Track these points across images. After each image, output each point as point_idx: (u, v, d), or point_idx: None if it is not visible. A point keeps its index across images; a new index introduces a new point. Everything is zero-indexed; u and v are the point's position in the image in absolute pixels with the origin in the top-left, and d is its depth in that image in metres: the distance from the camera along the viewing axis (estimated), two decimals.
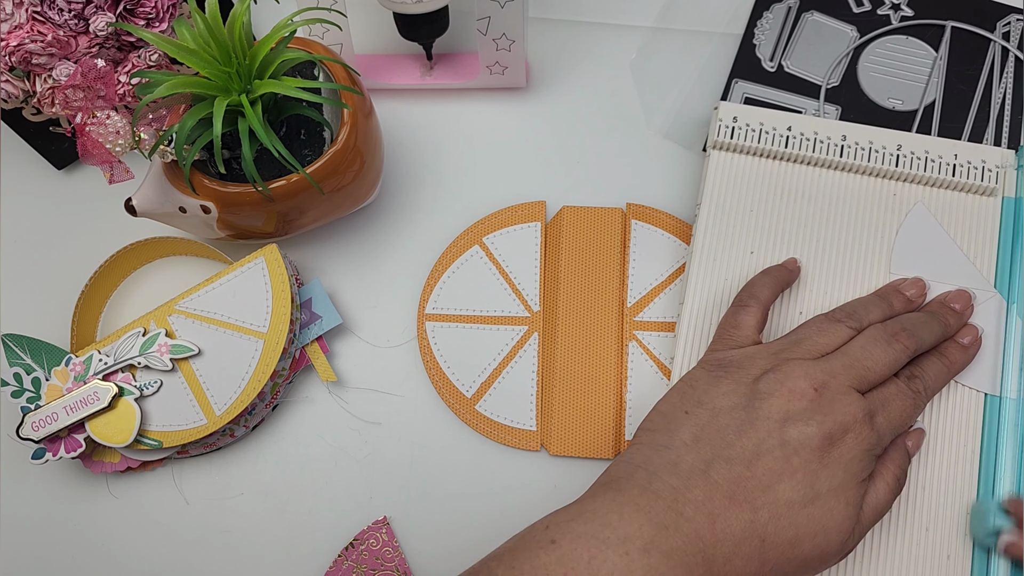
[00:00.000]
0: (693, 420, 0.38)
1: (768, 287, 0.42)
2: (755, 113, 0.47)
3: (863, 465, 0.37)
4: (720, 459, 0.36)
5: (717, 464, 0.36)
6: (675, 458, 0.37)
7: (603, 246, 0.48)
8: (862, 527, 0.37)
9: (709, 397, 0.38)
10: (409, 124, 0.52)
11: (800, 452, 0.36)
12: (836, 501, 0.36)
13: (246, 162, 0.39)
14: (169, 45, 0.39)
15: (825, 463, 0.36)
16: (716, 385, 0.39)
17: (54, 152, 0.51)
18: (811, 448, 0.36)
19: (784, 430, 0.36)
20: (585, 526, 0.34)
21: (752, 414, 0.37)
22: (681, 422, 0.38)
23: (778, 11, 0.53)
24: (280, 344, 0.44)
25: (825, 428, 0.36)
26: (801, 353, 0.39)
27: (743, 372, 0.39)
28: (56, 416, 0.42)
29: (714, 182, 0.47)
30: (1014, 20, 0.52)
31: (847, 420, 0.36)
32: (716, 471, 0.36)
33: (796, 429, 0.36)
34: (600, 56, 0.54)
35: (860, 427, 0.37)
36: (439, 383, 0.47)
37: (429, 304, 0.48)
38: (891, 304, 0.42)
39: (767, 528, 0.35)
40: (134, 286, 0.48)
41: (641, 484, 0.36)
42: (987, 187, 0.45)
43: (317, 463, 0.46)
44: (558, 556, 0.34)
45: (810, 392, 0.37)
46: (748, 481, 0.36)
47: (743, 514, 0.35)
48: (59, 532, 0.45)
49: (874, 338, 0.39)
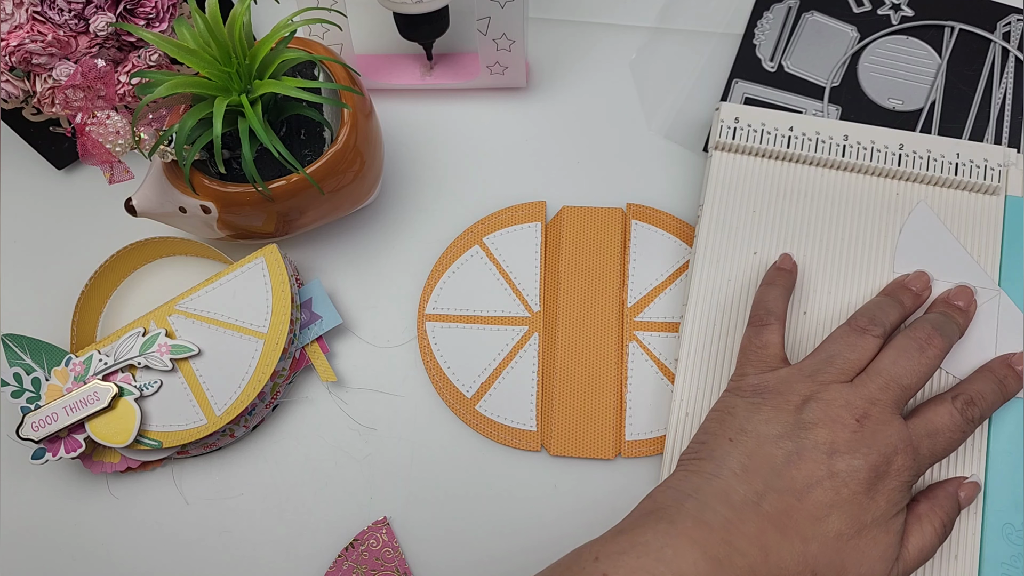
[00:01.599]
0: (740, 448, 0.38)
1: (780, 299, 0.42)
2: (757, 113, 0.47)
3: (903, 495, 0.37)
4: (772, 491, 0.36)
5: (769, 496, 0.36)
6: (726, 488, 0.36)
7: (603, 246, 0.48)
8: (906, 567, 0.37)
9: (752, 424, 0.38)
10: (409, 124, 0.52)
11: (849, 484, 0.36)
12: (880, 531, 0.36)
13: (246, 162, 0.39)
14: (169, 45, 0.39)
15: (871, 495, 0.36)
16: (756, 412, 0.38)
17: (54, 152, 0.51)
18: (859, 480, 0.36)
19: (832, 462, 0.36)
20: (639, 560, 0.34)
21: (799, 444, 0.37)
22: (727, 450, 0.38)
23: (778, 11, 0.53)
24: (280, 344, 0.44)
25: (871, 460, 0.36)
26: (836, 375, 0.39)
27: (782, 398, 0.38)
28: (56, 416, 0.42)
29: (716, 183, 0.47)
30: (1014, 20, 0.52)
31: (890, 451, 0.36)
32: (768, 503, 0.36)
33: (844, 461, 0.36)
34: (600, 56, 0.54)
35: (903, 458, 0.37)
36: (439, 383, 0.47)
37: (429, 304, 0.48)
38: (902, 302, 0.42)
39: (818, 560, 0.35)
40: (134, 286, 0.48)
41: (693, 515, 0.36)
42: (990, 185, 0.45)
43: (317, 463, 0.46)
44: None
45: (852, 423, 0.37)
46: (799, 512, 0.36)
47: (795, 546, 0.35)
48: (59, 532, 0.45)
49: (905, 349, 0.39)
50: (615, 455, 0.45)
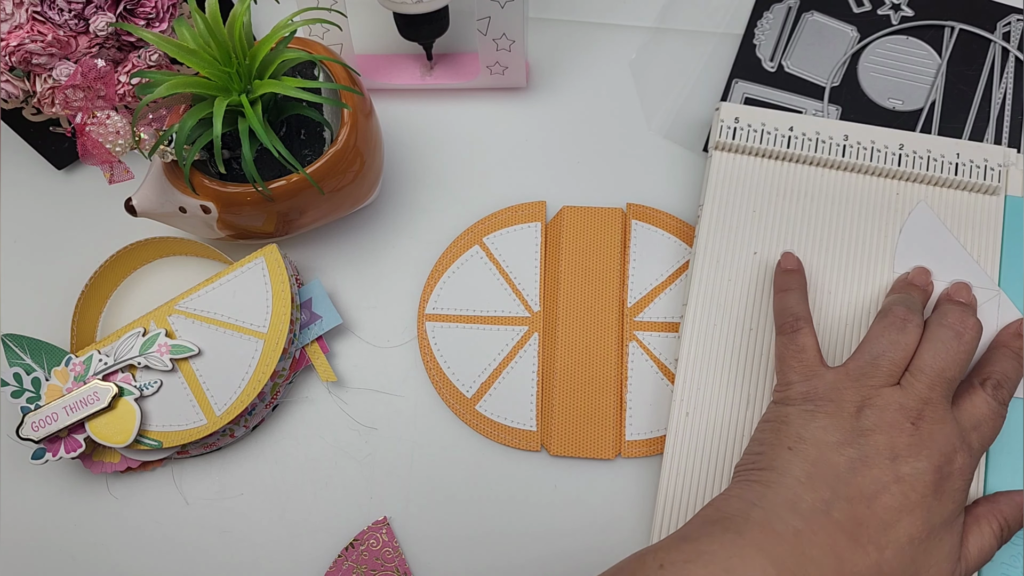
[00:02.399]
0: (801, 457, 0.37)
1: (802, 301, 0.42)
2: (757, 113, 0.47)
3: (965, 493, 0.37)
4: (840, 498, 0.36)
5: (838, 504, 0.35)
6: (792, 496, 0.36)
7: (603, 246, 0.48)
8: (968, 566, 0.37)
9: (809, 432, 0.38)
10: (409, 124, 0.52)
11: (916, 488, 0.36)
12: (946, 532, 0.36)
13: (246, 162, 0.39)
14: (169, 45, 0.39)
15: (938, 496, 0.36)
16: (812, 419, 0.38)
17: (54, 152, 0.51)
18: (925, 483, 0.36)
19: (897, 467, 0.36)
20: (705, 569, 0.33)
21: (861, 451, 0.36)
22: (788, 459, 0.37)
23: (778, 11, 0.53)
24: (280, 344, 0.44)
25: (935, 461, 0.36)
26: (884, 378, 0.38)
27: (835, 406, 0.38)
28: (56, 416, 0.42)
29: (716, 183, 0.47)
30: (1014, 20, 0.52)
31: (950, 450, 0.36)
32: (838, 510, 0.35)
33: (909, 465, 0.36)
34: (600, 56, 0.54)
35: (963, 456, 0.37)
36: (439, 383, 0.47)
37: (429, 304, 0.48)
38: (922, 288, 0.43)
39: (892, 566, 0.35)
40: (134, 286, 0.48)
41: (761, 524, 0.35)
42: (990, 185, 0.45)
43: (317, 463, 0.46)
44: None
45: (909, 426, 0.37)
46: (869, 520, 0.35)
47: (870, 555, 0.35)
48: (59, 532, 0.45)
49: (942, 339, 0.39)
50: (615, 455, 0.45)
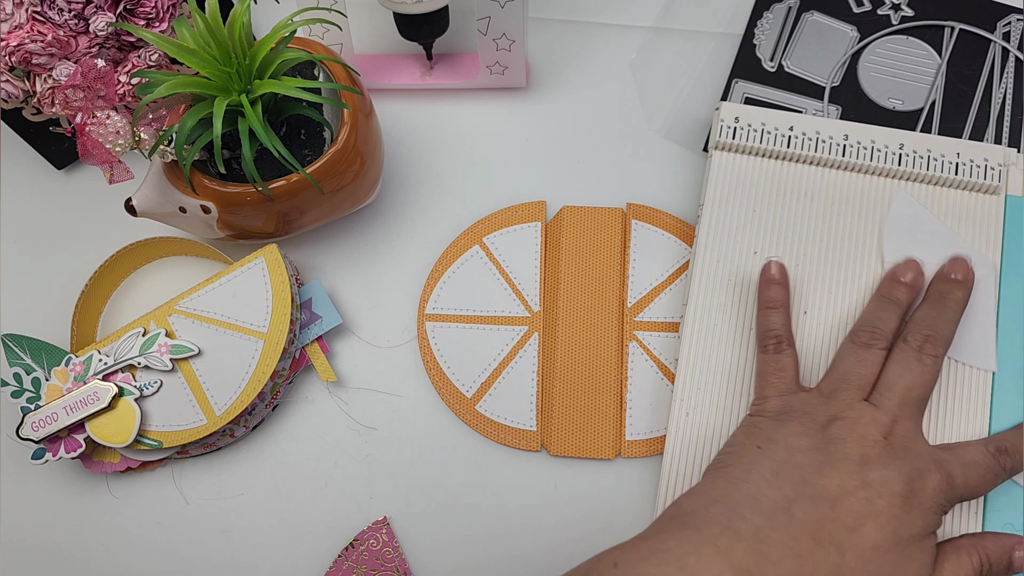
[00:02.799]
0: (769, 456, 0.37)
1: (785, 321, 0.43)
2: (757, 113, 0.47)
3: (937, 519, 0.36)
4: (804, 497, 0.35)
5: (801, 502, 0.35)
6: (755, 493, 0.36)
7: (603, 246, 0.48)
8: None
9: (780, 435, 0.38)
10: (409, 124, 0.52)
11: (883, 496, 0.35)
12: (915, 549, 0.35)
13: (246, 162, 0.39)
14: (169, 45, 0.39)
15: (907, 510, 0.35)
16: (783, 425, 0.38)
17: (54, 152, 0.51)
18: (893, 492, 0.35)
19: (865, 472, 0.36)
20: (659, 568, 0.33)
21: (829, 455, 0.36)
22: (756, 457, 0.37)
23: (778, 11, 0.53)
24: (280, 344, 0.44)
25: (905, 472, 0.36)
26: (854, 393, 0.39)
27: (808, 417, 0.38)
28: (56, 416, 0.42)
29: (716, 183, 0.47)
30: (1014, 20, 0.52)
31: (923, 467, 0.36)
32: (800, 509, 0.35)
33: (877, 472, 0.36)
34: (600, 56, 0.54)
35: (938, 479, 0.36)
36: (439, 383, 0.47)
37: (429, 304, 0.48)
38: (897, 300, 0.42)
39: (854, 571, 0.34)
40: (134, 286, 0.48)
41: (720, 521, 0.35)
42: (990, 185, 0.45)
43: (317, 463, 0.46)
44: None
45: (880, 439, 0.37)
46: (833, 522, 0.35)
47: (830, 557, 0.34)
48: (59, 532, 0.45)
49: (905, 361, 0.39)
50: (615, 455, 0.45)
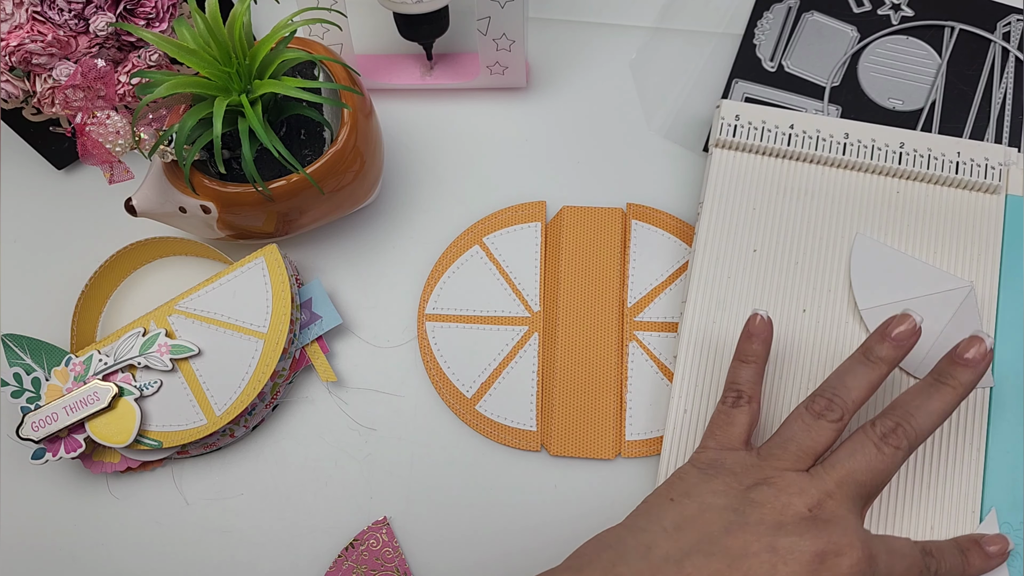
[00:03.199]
0: (678, 509, 0.36)
1: (754, 378, 0.41)
2: (757, 111, 0.47)
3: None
4: (699, 552, 0.34)
5: (695, 557, 0.34)
6: (650, 542, 0.35)
7: (603, 246, 0.48)
8: None
9: (699, 492, 0.37)
10: (409, 124, 0.52)
11: (788, 563, 0.34)
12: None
13: (246, 162, 0.39)
14: (169, 45, 0.39)
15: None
16: (707, 482, 0.37)
17: (54, 152, 0.51)
18: (800, 562, 0.34)
19: (775, 538, 0.34)
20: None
21: (743, 517, 0.35)
22: (665, 509, 0.37)
23: (778, 11, 0.53)
24: (280, 344, 0.44)
25: (818, 546, 0.34)
26: (791, 461, 0.37)
27: (735, 477, 0.37)
28: (56, 416, 0.42)
29: (716, 180, 0.47)
30: (1014, 20, 0.52)
31: (843, 544, 0.34)
32: (692, 563, 0.34)
33: (788, 540, 0.34)
34: (600, 56, 0.54)
35: (858, 558, 0.34)
36: (439, 383, 0.47)
37: (429, 304, 0.48)
38: (877, 360, 0.38)
39: None
40: (134, 286, 0.48)
41: (604, 567, 0.35)
42: (990, 184, 0.45)
43: (317, 463, 0.46)
44: None
45: (804, 511, 0.35)
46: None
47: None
48: (59, 532, 0.45)
49: (862, 445, 0.37)
50: (615, 455, 0.45)
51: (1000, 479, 0.42)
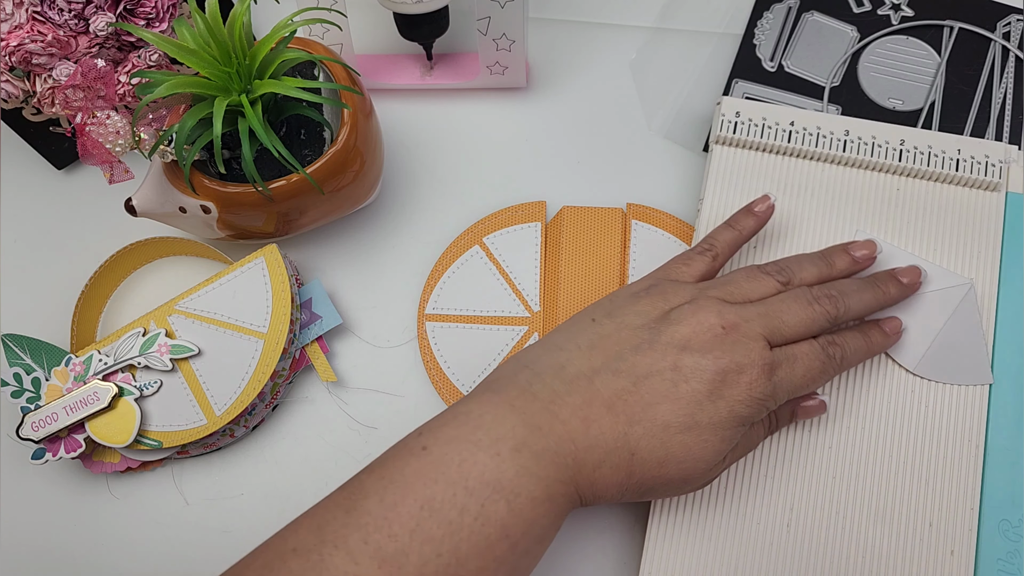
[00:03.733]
0: (596, 329, 0.38)
1: (732, 242, 0.42)
2: (758, 108, 0.47)
3: (750, 411, 0.36)
4: (608, 370, 0.36)
5: (604, 374, 0.36)
6: (564, 361, 0.37)
7: (603, 246, 0.48)
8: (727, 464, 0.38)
9: (622, 312, 0.38)
10: (409, 124, 0.52)
11: (690, 381, 0.36)
12: (711, 435, 0.36)
13: (246, 162, 0.39)
14: (169, 45, 0.39)
15: (712, 398, 0.36)
16: (632, 303, 0.39)
17: (54, 152, 0.51)
18: (701, 380, 0.36)
19: (680, 356, 0.36)
20: (458, 430, 0.35)
21: (655, 336, 0.37)
22: (584, 328, 0.38)
23: (778, 11, 0.53)
24: (280, 344, 0.44)
25: (721, 364, 0.36)
26: (723, 293, 0.39)
27: (663, 298, 0.39)
28: (56, 416, 0.42)
29: (717, 177, 0.47)
30: (1014, 20, 0.52)
31: (745, 362, 0.36)
32: (601, 380, 0.36)
33: (692, 359, 0.36)
34: (600, 56, 0.54)
35: (757, 372, 0.36)
36: (439, 383, 0.46)
37: (429, 304, 0.48)
38: (832, 264, 0.42)
39: (639, 443, 0.35)
40: (134, 286, 0.48)
41: (521, 385, 0.36)
42: (991, 182, 0.45)
43: (317, 463, 0.46)
44: (429, 461, 0.34)
45: (718, 329, 0.37)
46: (631, 396, 0.36)
47: (619, 426, 0.35)
48: (59, 532, 0.45)
49: (796, 296, 0.39)
50: None
51: (999, 477, 0.42)
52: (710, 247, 0.42)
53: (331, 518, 0.33)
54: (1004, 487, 0.41)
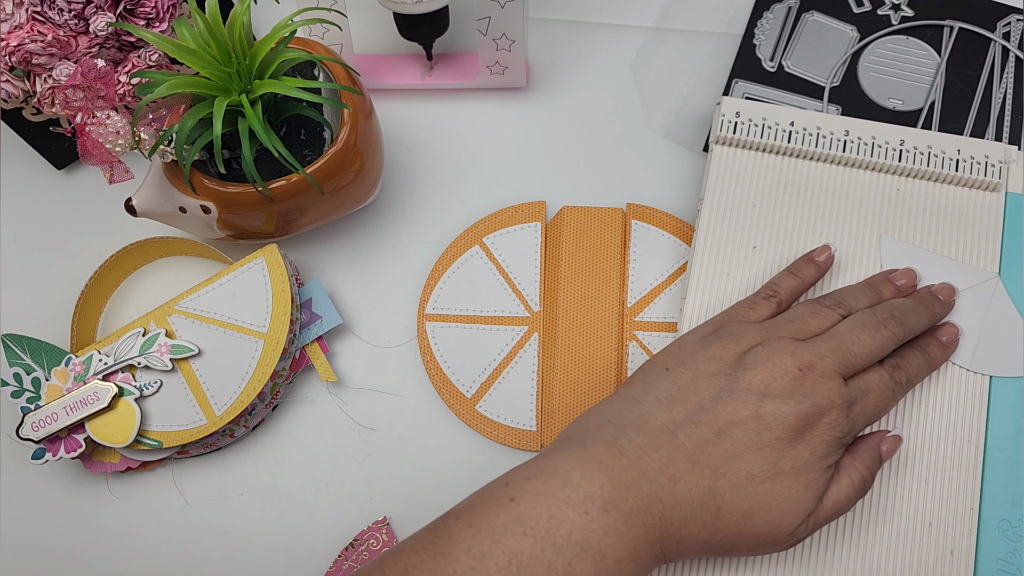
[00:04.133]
0: (672, 379, 0.38)
1: (794, 289, 0.43)
2: (758, 108, 0.47)
3: (830, 451, 0.36)
4: (691, 422, 0.36)
5: (686, 427, 0.36)
6: (645, 414, 0.37)
7: (603, 246, 0.48)
8: (819, 519, 0.37)
9: (694, 359, 0.38)
10: (409, 124, 0.52)
11: (773, 428, 0.36)
12: (796, 481, 0.36)
13: (246, 162, 0.39)
14: (169, 45, 0.39)
15: (794, 443, 0.36)
16: (704, 349, 0.39)
17: (54, 152, 0.51)
18: (784, 426, 0.36)
19: (762, 404, 0.36)
20: (545, 484, 0.34)
21: (733, 383, 0.37)
22: (660, 378, 0.38)
23: (778, 11, 0.53)
24: (280, 344, 0.44)
25: (803, 409, 0.36)
26: (791, 331, 0.39)
27: (733, 340, 0.38)
28: (56, 416, 0.42)
29: (717, 177, 0.47)
30: (1014, 20, 0.52)
31: (825, 404, 0.36)
32: (684, 433, 0.36)
33: (773, 405, 0.36)
34: (600, 56, 0.54)
35: (836, 413, 0.36)
36: (439, 383, 0.47)
37: (429, 304, 0.48)
38: (880, 293, 0.42)
39: (724, 497, 0.35)
40: (134, 286, 0.48)
41: (607, 440, 0.36)
42: (990, 182, 0.45)
43: (317, 463, 0.46)
44: (517, 515, 0.34)
45: (795, 371, 0.37)
46: (714, 448, 0.35)
47: (704, 480, 0.35)
48: (59, 532, 0.45)
49: (862, 323, 0.39)
50: None
51: (998, 476, 0.42)
52: (774, 293, 0.42)
53: (418, 562, 0.33)
54: (1004, 487, 0.41)
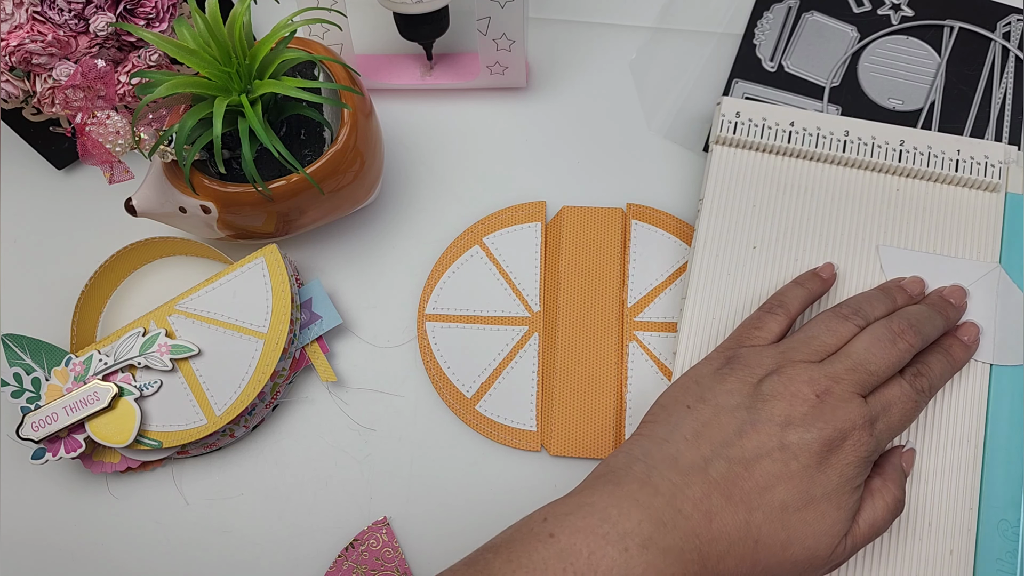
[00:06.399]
0: (695, 416, 0.38)
1: (800, 299, 0.42)
2: (758, 108, 0.47)
3: (858, 471, 0.37)
4: (719, 457, 0.36)
5: (716, 462, 0.36)
6: (675, 453, 0.37)
7: (603, 246, 0.48)
8: (855, 542, 0.37)
9: (712, 394, 0.38)
10: (409, 124, 0.52)
11: (799, 457, 0.36)
12: (829, 505, 0.36)
13: (246, 162, 0.39)
14: (169, 45, 0.39)
15: (822, 468, 0.36)
16: (721, 382, 0.39)
17: (54, 152, 0.51)
18: (810, 453, 0.36)
19: (785, 434, 0.36)
20: (584, 520, 0.35)
21: (754, 415, 0.37)
22: (683, 416, 0.38)
23: (778, 11, 0.53)
24: (280, 344, 0.44)
25: (825, 434, 0.36)
26: (807, 354, 0.39)
27: (748, 371, 0.39)
28: (56, 416, 0.42)
29: (717, 177, 0.47)
30: (1014, 20, 0.52)
31: (847, 427, 0.36)
32: (715, 469, 0.36)
33: (796, 434, 0.36)
34: (600, 56, 0.54)
35: (860, 434, 0.37)
36: (439, 383, 0.47)
37: (429, 304, 0.48)
38: (894, 299, 0.42)
39: (761, 529, 0.35)
40: (134, 286, 0.48)
41: (640, 478, 0.36)
42: (990, 183, 0.45)
43: (317, 463, 0.46)
44: (557, 551, 0.34)
45: (812, 398, 0.37)
46: (746, 482, 0.36)
47: (739, 514, 0.35)
48: (59, 532, 0.45)
49: (878, 337, 0.39)
50: None
51: (998, 476, 0.42)
52: (780, 304, 0.42)
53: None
54: (1003, 487, 0.41)
